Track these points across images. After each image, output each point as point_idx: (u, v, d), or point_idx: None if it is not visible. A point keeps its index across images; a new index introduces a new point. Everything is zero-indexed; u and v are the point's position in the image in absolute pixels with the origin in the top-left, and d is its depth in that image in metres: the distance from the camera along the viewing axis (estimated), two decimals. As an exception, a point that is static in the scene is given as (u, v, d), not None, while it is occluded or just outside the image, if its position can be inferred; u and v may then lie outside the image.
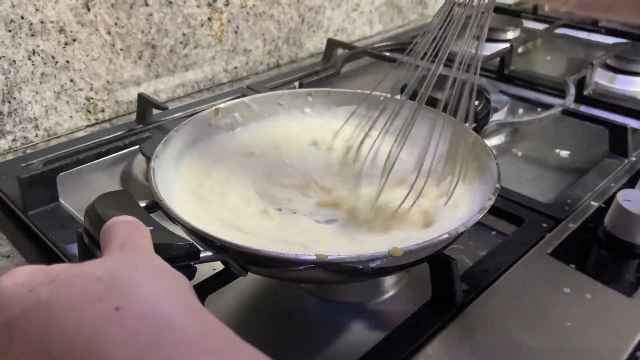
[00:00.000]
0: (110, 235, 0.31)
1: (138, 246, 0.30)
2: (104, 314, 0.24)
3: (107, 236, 0.31)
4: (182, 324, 0.24)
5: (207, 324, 0.25)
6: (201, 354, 0.22)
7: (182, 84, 0.87)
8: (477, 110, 0.56)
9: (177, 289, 0.27)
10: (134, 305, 0.24)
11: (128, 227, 0.31)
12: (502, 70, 0.89)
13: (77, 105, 0.76)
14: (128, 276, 0.26)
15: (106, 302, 0.24)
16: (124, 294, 0.25)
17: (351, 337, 0.46)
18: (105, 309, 0.24)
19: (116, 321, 0.23)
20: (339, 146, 0.57)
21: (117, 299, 0.24)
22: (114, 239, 0.30)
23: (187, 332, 0.23)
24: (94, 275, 0.26)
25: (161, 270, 0.28)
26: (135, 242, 0.30)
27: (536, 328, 0.44)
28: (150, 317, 0.24)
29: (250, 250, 0.35)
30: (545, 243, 0.53)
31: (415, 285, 0.51)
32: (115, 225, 0.31)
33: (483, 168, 0.49)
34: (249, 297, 0.51)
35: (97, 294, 0.25)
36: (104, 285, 0.25)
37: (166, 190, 0.45)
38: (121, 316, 0.24)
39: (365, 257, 0.34)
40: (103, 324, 0.23)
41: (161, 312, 0.24)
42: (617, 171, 0.64)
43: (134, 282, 0.25)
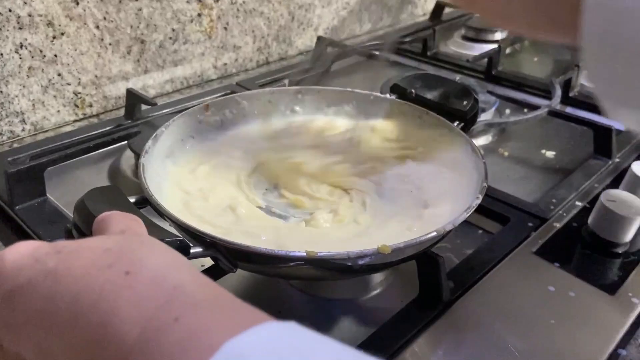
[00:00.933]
0: (107, 224, 0.31)
1: (138, 233, 0.30)
2: (114, 279, 0.24)
3: (103, 225, 0.31)
4: (191, 287, 0.24)
5: (215, 289, 0.25)
6: (210, 313, 0.23)
7: (171, 80, 0.87)
8: (465, 110, 0.57)
9: (184, 262, 0.27)
10: (144, 270, 0.24)
11: (125, 217, 0.31)
12: (489, 71, 0.90)
13: (64, 100, 0.76)
14: (137, 247, 0.26)
15: (116, 268, 0.24)
16: (133, 261, 0.25)
17: (339, 333, 0.47)
18: (115, 275, 0.24)
19: (126, 285, 0.24)
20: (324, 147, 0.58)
21: (126, 265, 0.24)
22: (111, 226, 0.30)
23: (196, 294, 0.24)
24: (103, 246, 0.26)
25: (163, 247, 0.28)
26: (135, 230, 0.30)
27: (521, 325, 0.45)
28: (159, 281, 0.24)
29: (240, 246, 0.35)
30: (531, 242, 0.54)
31: (403, 282, 0.52)
32: (111, 215, 0.31)
33: (470, 167, 0.49)
34: (237, 294, 0.49)
35: (106, 261, 0.25)
36: (113, 254, 0.25)
37: (156, 186, 0.45)
38: (131, 279, 0.24)
39: (354, 254, 0.35)
40: (113, 287, 0.24)
41: (170, 277, 0.24)
42: (601, 172, 0.65)
43: (142, 252, 0.26)
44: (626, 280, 0.50)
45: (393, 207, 0.48)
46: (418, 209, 0.48)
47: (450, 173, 0.51)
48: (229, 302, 0.24)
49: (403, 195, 0.50)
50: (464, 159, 0.50)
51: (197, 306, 0.23)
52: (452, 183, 0.49)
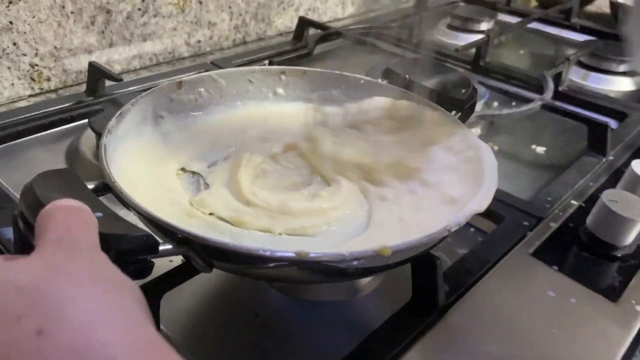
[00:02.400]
0: (46, 224, 0.25)
1: (78, 242, 0.24)
2: (22, 342, 0.18)
3: (43, 225, 0.25)
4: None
5: None
6: None
7: (138, 55, 0.80)
8: (463, 99, 0.53)
9: (122, 307, 0.21)
10: (62, 331, 0.19)
11: (69, 215, 0.25)
12: (477, 62, 0.86)
13: (19, 72, 0.68)
14: (57, 288, 0.20)
15: (26, 324, 0.19)
16: (49, 314, 0.19)
17: (323, 340, 0.42)
18: (24, 334, 0.18)
19: (38, 352, 0.18)
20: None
21: (40, 319, 0.19)
22: (49, 229, 0.24)
23: None
24: (15, 283, 0.20)
25: (104, 280, 0.22)
26: (76, 236, 0.24)
27: (522, 335, 0.41)
28: (81, 350, 0.18)
29: (218, 244, 0.30)
30: (527, 243, 0.51)
31: (392, 284, 0.47)
32: (54, 211, 0.25)
33: (471, 160, 0.45)
34: (209, 293, 0.46)
35: (15, 311, 0.19)
36: (26, 298, 0.20)
37: (119, 171, 0.39)
38: (44, 346, 0.18)
39: (350, 255, 0.30)
40: (20, 354, 0.18)
41: (98, 343, 0.19)
42: (595, 170, 0.62)
43: (64, 298, 0.20)
44: (628, 286, 0.47)
45: (387, 201, 0.44)
46: (414, 203, 0.44)
47: (449, 166, 0.47)
48: None
49: (398, 190, 0.46)
50: (465, 152, 0.46)
51: None
52: (451, 177, 0.45)
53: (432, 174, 0.46)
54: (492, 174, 0.41)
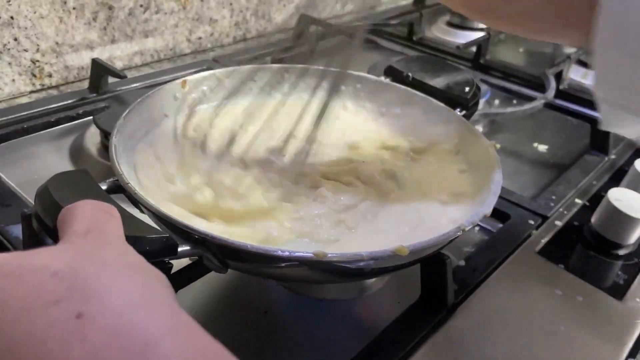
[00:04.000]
0: (72, 218, 0.24)
1: (107, 234, 0.24)
2: (61, 324, 0.18)
3: (68, 219, 0.25)
4: (167, 345, 0.18)
5: (198, 345, 0.19)
6: None
7: (140, 52, 0.80)
8: (467, 97, 0.53)
9: (158, 295, 0.21)
10: (102, 314, 0.18)
11: (95, 209, 0.25)
12: (478, 59, 0.87)
13: (20, 68, 0.68)
14: (94, 272, 0.20)
15: (64, 307, 0.18)
16: (88, 297, 0.19)
17: (332, 338, 0.43)
18: (62, 317, 0.18)
19: (77, 335, 0.18)
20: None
21: (79, 303, 0.19)
22: (76, 222, 0.24)
23: (174, 357, 0.18)
24: (50, 268, 0.20)
25: (137, 268, 0.22)
26: (103, 229, 0.24)
27: (531, 333, 0.42)
28: (124, 333, 0.18)
29: (235, 245, 0.30)
30: (533, 241, 0.51)
31: (399, 282, 0.48)
32: (79, 206, 0.25)
33: (477, 158, 0.46)
34: (219, 291, 0.46)
35: (52, 294, 0.19)
36: (63, 283, 0.19)
37: (129, 169, 0.39)
38: (84, 328, 0.18)
39: (368, 255, 0.30)
40: (60, 336, 0.18)
41: (139, 326, 0.18)
42: (598, 168, 0.63)
43: (102, 282, 0.20)
44: (632, 284, 0.47)
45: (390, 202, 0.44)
46: (419, 202, 0.44)
47: (456, 165, 0.47)
48: None
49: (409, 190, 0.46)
50: (471, 150, 0.46)
51: None
52: (459, 175, 0.45)
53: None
54: (499, 175, 0.41)
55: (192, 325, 0.20)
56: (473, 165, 0.46)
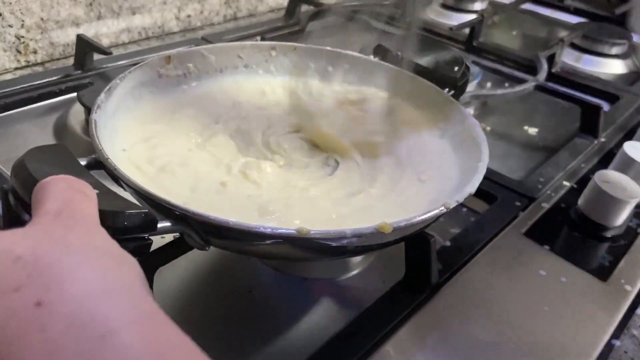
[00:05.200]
0: (44, 195, 0.24)
1: (78, 215, 0.23)
2: (20, 312, 0.18)
3: (40, 196, 0.24)
4: (127, 336, 0.18)
5: (161, 336, 0.19)
6: None
7: (127, 29, 0.78)
8: (456, 77, 0.52)
9: (123, 281, 0.20)
10: (62, 302, 0.18)
11: (69, 186, 0.24)
12: (471, 42, 0.86)
13: (5, 44, 0.67)
14: (57, 258, 0.19)
15: (24, 294, 0.18)
16: (49, 285, 0.18)
17: (316, 316, 0.43)
18: (22, 304, 0.18)
19: (36, 324, 0.17)
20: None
21: (39, 290, 0.18)
22: (48, 201, 0.23)
23: (134, 348, 0.17)
24: (12, 253, 0.19)
25: (104, 254, 0.21)
26: (76, 208, 0.23)
27: (513, 313, 0.42)
28: (82, 322, 0.18)
29: (217, 221, 0.29)
30: (519, 222, 0.51)
31: (384, 262, 0.48)
32: (52, 183, 0.24)
33: (463, 138, 0.45)
34: (203, 269, 0.46)
35: (14, 280, 0.18)
36: (25, 269, 0.19)
37: (110, 145, 0.39)
38: (43, 316, 0.17)
39: (351, 232, 0.30)
40: (18, 325, 0.17)
41: (98, 315, 0.18)
42: (587, 151, 0.63)
43: (64, 268, 0.19)
44: (617, 266, 0.48)
45: (381, 180, 0.43)
46: (410, 182, 0.43)
47: (441, 144, 0.47)
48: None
49: (391, 168, 0.45)
50: (457, 129, 0.46)
51: None
52: (443, 155, 0.45)
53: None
54: (485, 154, 0.41)
55: (157, 315, 0.20)
56: (459, 145, 0.45)
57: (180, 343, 0.19)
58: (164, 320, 0.20)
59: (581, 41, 0.90)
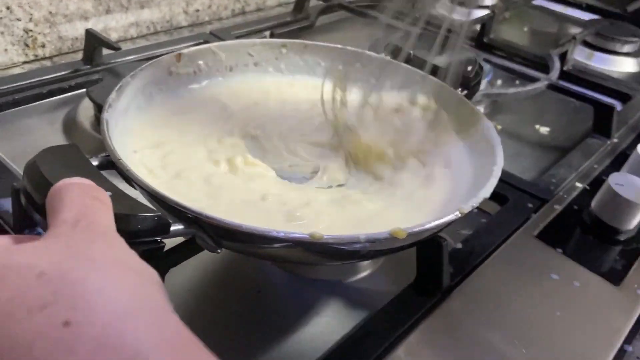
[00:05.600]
0: (60, 202, 0.23)
1: (96, 225, 0.23)
2: (47, 332, 0.17)
3: (56, 203, 0.23)
4: (157, 356, 0.17)
5: (188, 355, 0.18)
6: None
7: (136, 23, 0.78)
8: (469, 77, 0.52)
9: (149, 297, 0.20)
10: (90, 323, 0.17)
11: (84, 193, 0.24)
12: (481, 38, 0.85)
13: (13, 37, 0.66)
14: (83, 275, 0.19)
15: (51, 313, 0.17)
16: (76, 303, 0.18)
17: (326, 318, 0.42)
18: (49, 324, 0.17)
19: (64, 345, 0.17)
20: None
21: (66, 309, 0.17)
22: (64, 209, 0.23)
23: None
24: (35, 269, 0.19)
25: (128, 268, 0.21)
26: (94, 218, 0.23)
27: (526, 317, 0.42)
28: (112, 344, 0.17)
29: (229, 225, 0.29)
30: (531, 225, 0.51)
31: (394, 264, 0.47)
32: (67, 189, 0.24)
33: (477, 140, 0.45)
34: (212, 269, 0.45)
35: (39, 299, 0.18)
36: (49, 286, 0.18)
37: (121, 144, 0.38)
38: (71, 337, 0.17)
39: (365, 238, 0.30)
40: (45, 345, 0.17)
41: (128, 337, 0.17)
42: (600, 152, 0.62)
43: (90, 286, 0.18)
44: (630, 270, 0.47)
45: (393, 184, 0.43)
46: (420, 185, 0.43)
47: (458, 146, 0.46)
48: None
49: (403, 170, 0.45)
50: (472, 131, 0.45)
51: None
52: (459, 157, 0.45)
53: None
54: (500, 157, 0.41)
55: (184, 334, 0.19)
56: (473, 146, 0.45)
57: None
58: (191, 339, 0.19)
59: (593, 39, 0.89)
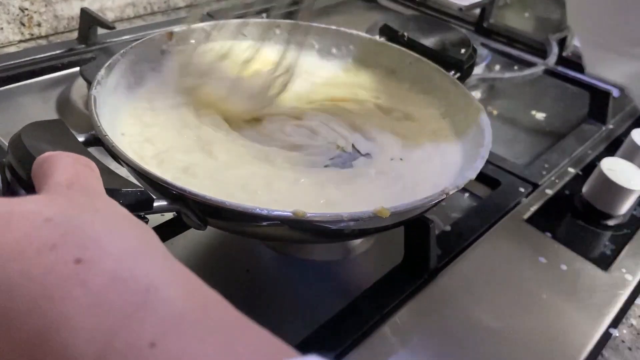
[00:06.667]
0: (51, 168, 0.23)
1: (90, 188, 0.23)
2: (59, 268, 0.17)
3: (46, 169, 0.23)
4: (169, 290, 0.18)
5: (200, 291, 0.19)
6: (200, 337, 0.16)
7: (132, 3, 0.77)
8: (463, 59, 0.51)
9: (153, 243, 0.20)
10: (102, 260, 0.18)
11: (74, 161, 0.24)
12: (481, 23, 0.84)
13: (9, 16, 0.66)
14: (89, 220, 0.19)
15: (61, 252, 0.18)
16: (86, 243, 0.18)
17: (313, 298, 0.42)
18: (60, 261, 0.17)
19: (77, 279, 0.17)
20: None
21: (76, 248, 0.18)
22: (56, 173, 0.23)
23: (176, 302, 0.17)
24: (41, 214, 0.19)
25: (127, 219, 0.21)
26: (86, 182, 0.23)
27: (512, 299, 0.42)
28: (124, 278, 0.17)
29: (213, 201, 0.29)
30: (521, 209, 0.51)
31: (383, 245, 0.47)
32: (56, 157, 0.24)
33: (468, 122, 0.45)
34: (201, 248, 0.46)
35: (47, 240, 0.18)
36: (57, 229, 0.18)
37: (109, 123, 0.38)
38: (84, 272, 0.17)
39: (348, 216, 0.30)
40: (58, 280, 0.17)
41: (139, 272, 0.18)
42: (594, 138, 0.62)
43: (98, 229, 0.19)
44: (619, 255, 0.47)
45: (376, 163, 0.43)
46: (412, 166, 0.43)
47: (445, 129, 0.46)
48: (224, 315, 0.18)
49: (385, 151, 0.45)
50: (462, 114, 0.45)
51: (181, 324, 0.17)
52: (446, 140, 0.45)
53: None
54: (488, 139, 0.40)
55: (189, 274, 0.20)
56: (463, 128, 0.45)
57: (218, 298, 0.19)
58: (196, 277, 0.20)
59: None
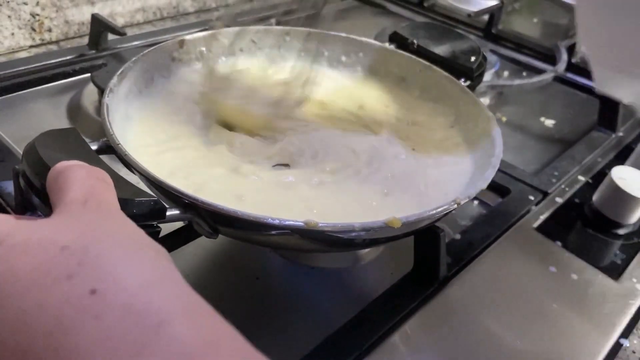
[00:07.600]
0: (65, 183, 0.23)
1: (105, 204, 0.23)
2: (75, 300, 0.17)
3: (61, 184, 0.23)
4: (180, 326, 0.18)
5: (212, 327, 0.19)
6: None
7: (142, 9, 0.78)
8: (473, 67, 0.51)
9: (167, 272, 0.20)
10: (116, 292, 0.18)
11: (89, 175, 0.24)
12: (489, 29, 0.84)
13: (20, 21, 0.67)
14: (105, 248, 0.19)
15: (78, 282, 0.18)
16: (101, 274, 0.18)
17: (323, 306, 0.43)
18: (76, 292, 0.17)
19: (91, 311, 0.17)
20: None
21: (92, 279, 0.18)
22: (71, 189, 0.23)
23: (188, 338, 0.17)
24: (57, 242, 0.19)
25: (144, 244, 0.21)
26: (101, 197, 0.23)
27: (522, 309, 0.42)
28: (137, 311, 0.17)
29: (225, 210, 0.29)
30: (531, 217, 0.51)
31: (393, 254, 0.47)
32: (71, 169, 0.24)
33: (478, 131, 0.44)
34: (211, 255, 0.46)
35: (64, 269, 0.18)
36: (73, 257, 0.18)
37: (121, 131, 0.38)
38: (98, 304, 0.17)
39: (360, 226, 0.30)
40: (74, 312, 0.17)
41: (152, 305, 0.18)
42: (604, 145, 0.61)
43: (114, 259, 0.19)
44: (630, 265, 0.47)
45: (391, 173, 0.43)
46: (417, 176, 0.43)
47: (455, 138, 0.46)
48: (234, 353, 0.18)
49: (395, 160, 0.45)
50: (472, 123, 0.45)
51: None
52: (457, 149, 0.44)
53: None
54: (499, 149, 0.40)
55: (203, 305, 0.20)
56: (473, 137, 0.45)
57: (231, 334, 0.19)
58: (210, 309, 0.19)
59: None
